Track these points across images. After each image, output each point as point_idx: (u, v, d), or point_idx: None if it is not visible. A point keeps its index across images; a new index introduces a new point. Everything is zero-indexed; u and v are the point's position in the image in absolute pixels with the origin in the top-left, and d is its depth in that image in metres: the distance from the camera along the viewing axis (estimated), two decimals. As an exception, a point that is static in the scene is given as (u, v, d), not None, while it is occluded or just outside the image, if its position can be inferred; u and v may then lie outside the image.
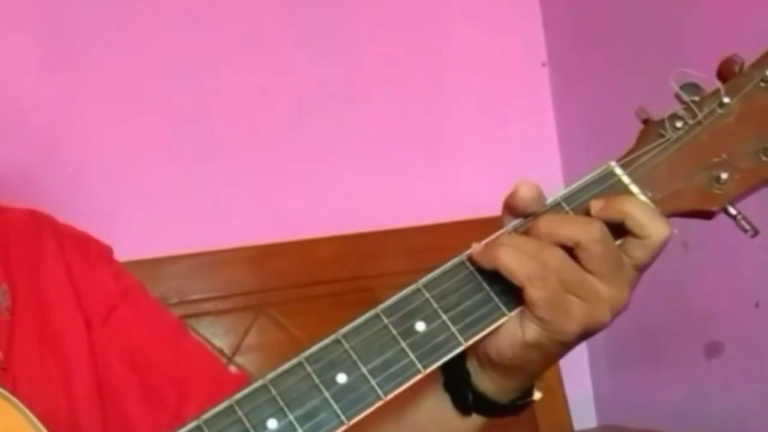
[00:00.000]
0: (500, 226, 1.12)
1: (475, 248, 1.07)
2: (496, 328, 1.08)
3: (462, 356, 1.10)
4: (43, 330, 1.31)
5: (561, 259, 1.04)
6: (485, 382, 1.15)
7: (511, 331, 1.09)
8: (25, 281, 1.32)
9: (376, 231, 2.33)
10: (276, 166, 2.41)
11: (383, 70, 2.49)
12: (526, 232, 1.08)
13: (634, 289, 1.08)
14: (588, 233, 1.04)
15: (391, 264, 2.25)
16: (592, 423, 2.53)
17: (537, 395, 1.17)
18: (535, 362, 1.11)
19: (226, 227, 2.32)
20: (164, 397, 1.32)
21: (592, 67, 2.47)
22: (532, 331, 1.07)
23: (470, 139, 2.55)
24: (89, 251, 1.39)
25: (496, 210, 1.54)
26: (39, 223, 1.39)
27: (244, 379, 1.36)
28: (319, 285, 2.24)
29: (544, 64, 2.62)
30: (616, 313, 1.07)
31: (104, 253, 1.41)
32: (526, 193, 1.09)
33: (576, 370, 2.47)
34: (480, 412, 1.17)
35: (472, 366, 1.15)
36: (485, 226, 1.12)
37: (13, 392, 1.05)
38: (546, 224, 1.06)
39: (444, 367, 1.09)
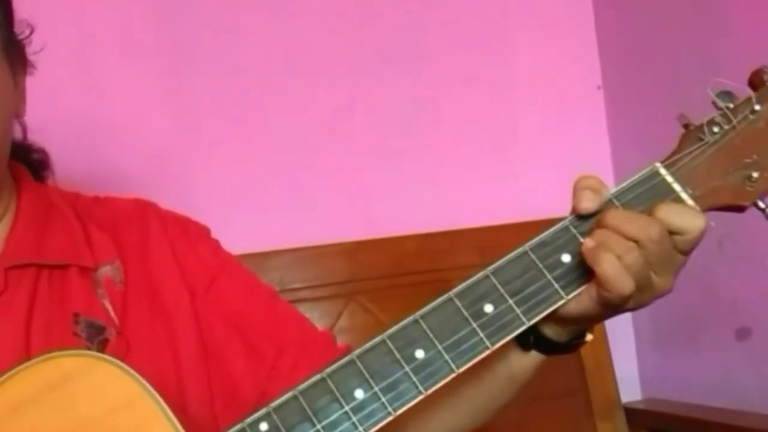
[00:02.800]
0: None
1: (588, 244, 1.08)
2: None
3: None
4: (152, 300, 1.32)
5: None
6: (545, 328, 1.18)
7: (565, 305, 1.11)
8: (135, 258, 1.34)
9: (450, 230, 2.31)
10: (366, 172, 2.40)
11: (460, 89, 2.47)
12: (597, 225, 1.09)
13: (678, 273, 1.10)
14: (647, 234, 1.06)
15: (463, 258, 2.23)
16: (638, 396, 2.49)
17: (589, 337, 1.21)
18: (587, 322, 1.16)
19: (321, 225, 2.31)
20: (262, 352, 1.32)
21: (641, 89, 2.45)
22: (590, 303, 1.10)
23: (533, 151, 2.52)
24: (189, 231, 1.41)
25: (553, 213, 1.52)
26: (144, 209, 1.41)
27: (330, 335, 1.38)
28: (401, 276, 2.22)
29: (599, 87, 2.59)
30: (658, 297, 1.10)
31: (203, 232, 1.43)
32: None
33: (624, 350, 2.45)
34: (538, 349, 1.19)
35: None
36: (546, 226, 1.12)
37: (127, 354, 1.11)
38: (612, 220, 1.08)
39: None
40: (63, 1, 1.36)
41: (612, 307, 1.10)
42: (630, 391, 2.43)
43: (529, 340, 1.19)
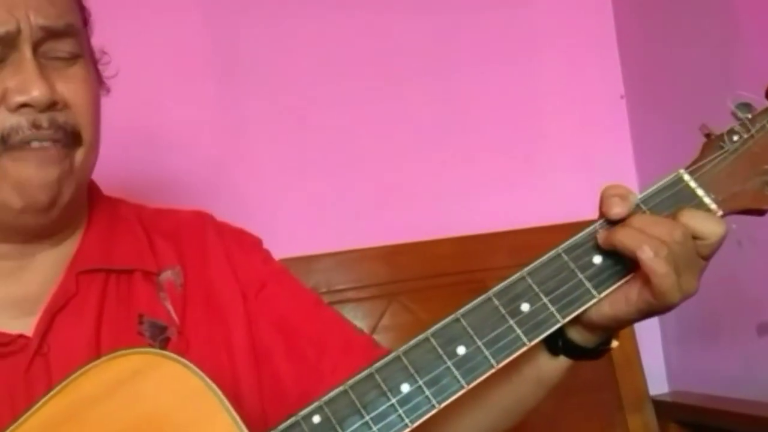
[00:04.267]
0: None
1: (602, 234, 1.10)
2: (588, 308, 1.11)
3: None
4: (209, 302, 1.34)
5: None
6: (573, 333, 1.19)
7: (598, 306, 1.13)
8: (194, 264, 1.36)
9: (485, 233, 2.32)
10: (405, 180, 2.41)
11: (492, 100, 2.48)
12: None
13: (701, 276, 1.11)
14: (672, 236, 1.07)
15: (497, 260, 2.24)
16: (664, 389, 2.49)
17: (614, 343, 1.21)
18: (617, 327, 1.16)
19: (364, 230, 2.32)
20: (305, 354, 1.34)
21: (662, 98, 2.44)
22: (625, 305, 1.12)
23: (561, 158, 2.52)
24: (244, 241, 1.43)
25: (580, 216, 1.52)
26: (203, 220, 1.44)
27: (371, 339, 1.40)
28: (439, 277, 2.23)
29: (622, 97, 2.59)
30: (686, 297, 1.10)
31: (255, 242, 1.45)
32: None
33: (651, 344, 2.44)
34: (567, 354, 1.20)
35: None
36: (574, 228, 1.14)
37: (187, 351, 1.12)
38: (638, 223, 1.09)
39: None
40: (121, 21, 1.37)
41: (647, 304, 1.11)
42: (657, 385, 2.42)
43: (558, 345, 1.20)
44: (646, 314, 1.13)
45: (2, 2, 1.17)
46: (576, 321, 1.16)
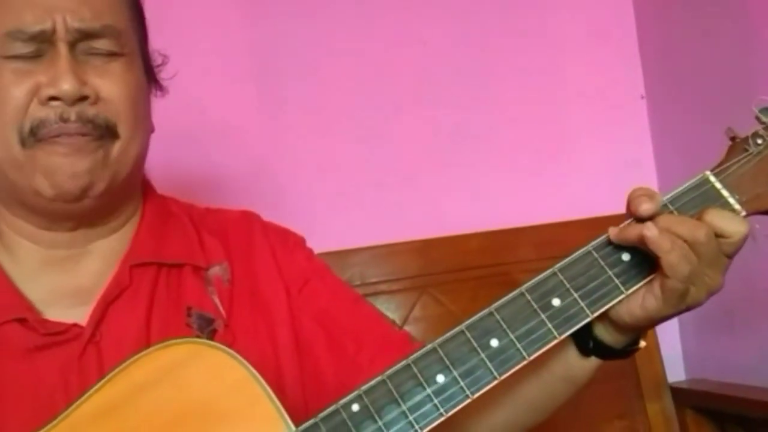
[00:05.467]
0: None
1: (612, 231, 1.10)
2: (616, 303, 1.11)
3: None
4: (254, 297, 1.34)
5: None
6: (603, 334, 1.18)
7: (632, 302, 1.13)
8: (240, 261, 1.36)
9: (512, 228, 2.30)
10: (435, 178, 2.40)
11: (518, 103, 2.47)
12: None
13: (725, 273, 1.11)
14: (696, 235, 1.06)
15: (522, 254, 2.23)
16: (682, 376, 2.48)
17: (642, 344, 1.20)
18: (647, 326, 1.16)
19: (397, 225, 2.31)
20: (345, 347, 1.34)
21: (681, 98, 2.42)
22: (655, 302, 1.11)
23: (584, 156, 2.51)
24: (288, 239, 1.43)
25: (601, 212, 1.51)
26: (249, 219, 1.44)
27: (408, 336, 1.39)
28: (468, 270, 2.22)
29: (643, 97, 2.57)
30: (711, 294, 1.11)
31: (299, 241, 1.45)
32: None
33: (669, 334, 2.43)
34: (597, 355, 1.19)
35: (594, 322, 1.16)
36: (596, 224, 1.13)
37: (233, 343, 1.12)
38: (664, 223, 1.08)
39: None
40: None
41: (673, 301, 1.10)
42: (675, 372, 2.41)
43: (589, 346, 1.19)
44: (675, 312, 1.12)
45: (40, 3, 1.19)
46: (608, 322, 1.17)
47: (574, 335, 1.17)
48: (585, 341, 1.19)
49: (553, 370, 1.22)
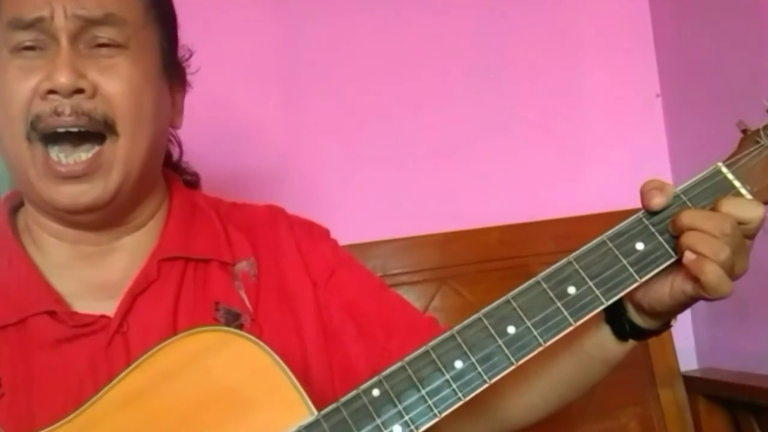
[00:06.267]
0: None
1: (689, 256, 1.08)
2: (632, 290, 1.10)
3: (619, 301, 1.12)
4: (281, 291, 1.32)
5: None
6: (637, 319, 1.19)
7: (660, 292, 1.14)
8: (267, 255, 1.34)
9: (530, 222, 2.30)
10: (455, 172, 2.39)
11: (536, 98, 2.47)
12: (674, 227, 1.10)
13: (749, 255, 1.11)
14: (722, 229, 1.06)
15: (540, 247, 2.23)
16: (694, 366, 2.46)
17: (673, 322, 1.20)
18: (676, 312, 1.17)
19: (417, 219, 2.30)
20: (374, 335, 1.32)
21: (696, 96, 2.41)
22: (684, 297, 1.12)
23: (600, 152, 2.49)
24: (313, 232, 1.41)
25: (617, 206, 1.49)
26: (275, 214, 1.42)
27: (434, 321, 1.38)
28: (487, 262, 2.21)
29: (658, 95, 2.55)
30: (738, 278, 1.10)
31: (323, 233, 1.43)
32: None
33: (681, 324, 2.36)
34: (633, 337, 1.20)
35: (628, 307, 1.18)
36: (612, 218, 1.13)
37: (259, 337, 1.06)
38: (688, 220, 1.08)
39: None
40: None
41: (691, 293, 1.11)
42: (687, 361, 2.40)
43: (625, 330, 1.20)
44: (702, 299, 1.13)
45: None
46: (640, 310, 1.17)
47: (609, 320, 1.20)
48: (621, 326, 1.20)
49: (591, 353, 1.23)
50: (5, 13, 1.19)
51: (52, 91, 1.15)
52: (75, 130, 1.16)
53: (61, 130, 1.16)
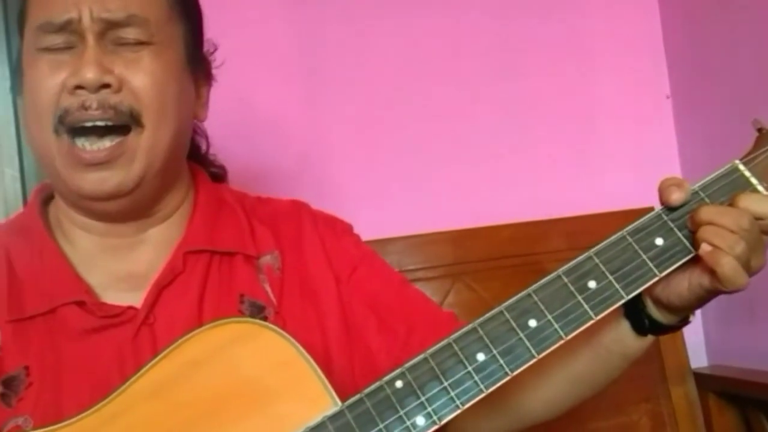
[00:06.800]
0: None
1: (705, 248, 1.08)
2: (651, 286, 1.10)
3: (638, 297, 1.13)
4: (304, 285, 1.32)
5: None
6: (656, 314, 1.18)
7: (679, 287, 1.14)
8: (290, 249, 1.34)
9: (543, 219, 2.29)
10: (468, 171, 2.40)
11: (550, 100, 2.47)
12: (692, 222, 1.10)
13: (766, 251, 1.11)
14: (739, 224, 1.07)
15: (553, 244, 2.22)
16: (704, 363, 2.46)
17: (692, 317, 1.20)
18: (692, 307, 1.16)
19: (431, 216, 2.31)
20: (395, 330, 1.32)
21: (705, 98, 2.40)
22: (703, 292, 1.12)
23: (612, 152, 2.49)
24: (336, 227, 1.41)
25: (628, 205, 1.49)
26: (299, 209, 1.42)
27: (454, 316, 1.38)
28: (500, 259, 2.21)
29: (668, 96, 2.55)
30: (756, 273, 1.10)
31: (346, 228, 1.43)
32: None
33: (692, 322, 2.40)
34: (652, 332, 1.19)
35: (647, 302, 1.17)
36: (623, 216, 1.13)
37: (284, 329, 1.06)
38: (706, 215, 1.08)
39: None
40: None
41: (709, 287, 1.12)
42: (698, 359, 2.40)
43: (644, 325, 1.19)
44: (719, 292, 1.13)
45: None
46: (659, 305, 1.17)
47: (629, 316, 1.19)
48: (640, 321, 1.19)
49: (610, 347, 1.23)
50: (33, 17, 1.21)
51: (79, 87, 1.17)
52: (102, 123, 1.18)
53: (88, 124, 1.18)
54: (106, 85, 1.17)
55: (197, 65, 1.31)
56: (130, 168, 1.20)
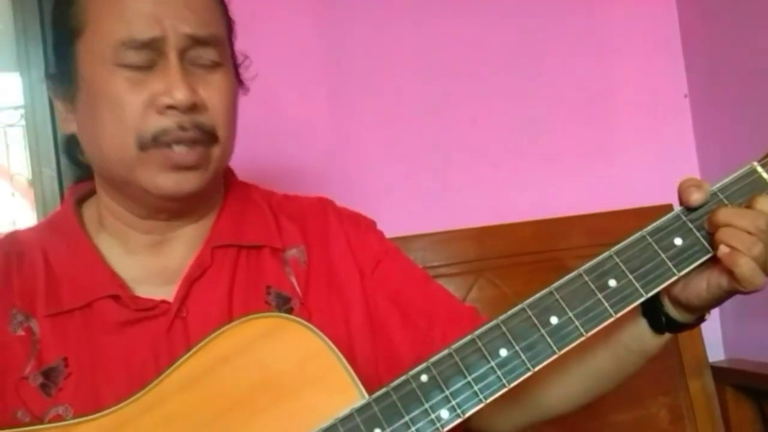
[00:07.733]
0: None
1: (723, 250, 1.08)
2: (670, 285, 1.11)
3: (656, 296, 1.11)
4: (329, 279, 1.33)
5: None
6: (674, 313, 1.18)
7: (698, 287, 1.13)
8: (316, 244, 1.35)
9: (563, 216, 2.28)
10: (491, 169, 2.41)
11: (570, 100, 2.47)
12: (710, 224, 1.10)
13: None
14: (757, 225, 1.07)
15: (574, 241, 2.21)
16: (722, 356, 2.46)
17: (708, 316, 1.20)
18: (708, 306, 1.15)
19: (455, 214, 2.32)
20: (417, 324, 1.33)
21: (723, 97, 2.39)
22: (720, 292, 1.12)
23: (631, 151, 2.49)
24: (360, 223, 1.42)
25: (648, 202, 1.48)
26: (324, 205, 1.43)
27: (475, 310, 1.38)
28: (522, 256, 2.20)
29: (686, 96, 2.54)
30: None
31: (370, 224, 1.44)
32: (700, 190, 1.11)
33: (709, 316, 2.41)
34: (670, 330, 1.19)
35: (664, 301, 1.17)
36: (641, 213, 1.12)
37: (308, 321, 1.07)
38: (723, 217, 1.08)
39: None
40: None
41: (726, 288, 1.12)
42: (715, 353, 2.40)
43: (662, 323, 1.19)
44: (737, 293, 1.12)
45: (151, 12, 1.18)
46: (677, 304, 1.17)
47: (647, 314, 1.19)
48: (658, 319, 1.19)
49: (628, 345, 1.23)
50: (113, 31, 1.18)
51: (171, 107, 1.18)
52: (185, 149, 1.20)
53: (178, 148, 1.19)
54: (194, 105, 1.19)
55: (239, 78, 1.34)
56: (205, 174, 1.23)
